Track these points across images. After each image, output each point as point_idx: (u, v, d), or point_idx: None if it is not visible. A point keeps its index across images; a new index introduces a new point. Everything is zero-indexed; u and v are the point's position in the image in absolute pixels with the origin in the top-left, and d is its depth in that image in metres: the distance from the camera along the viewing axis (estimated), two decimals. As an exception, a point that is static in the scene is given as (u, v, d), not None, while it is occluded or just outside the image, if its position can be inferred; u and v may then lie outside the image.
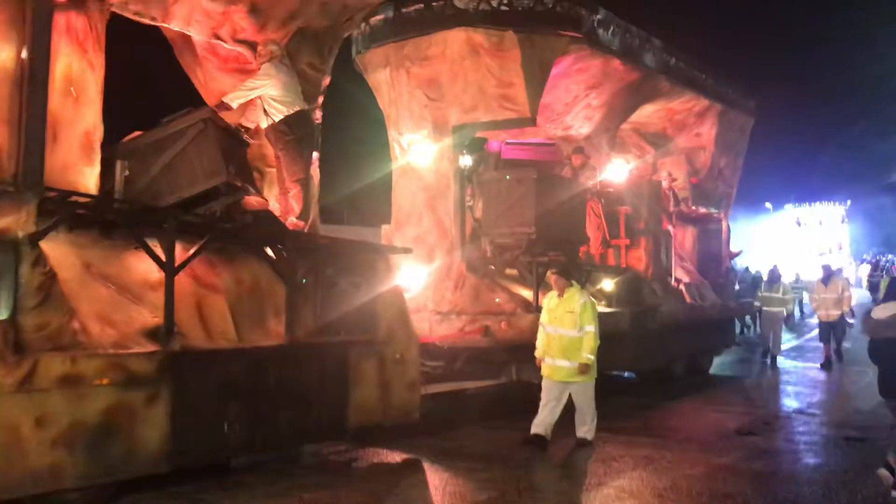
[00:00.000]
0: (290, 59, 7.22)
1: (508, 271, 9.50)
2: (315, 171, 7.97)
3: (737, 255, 14.74)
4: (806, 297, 23.19)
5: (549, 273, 7.68)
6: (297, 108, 6.80)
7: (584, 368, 7.21)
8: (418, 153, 9.43)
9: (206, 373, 5.73)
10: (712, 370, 13.39)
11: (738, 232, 57.47)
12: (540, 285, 9.03)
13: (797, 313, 24.29)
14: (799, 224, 47.55)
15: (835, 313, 14.28)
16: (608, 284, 10.51)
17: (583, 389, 7.30)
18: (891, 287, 6.33)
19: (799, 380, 12.77)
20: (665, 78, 11.38)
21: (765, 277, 23.47)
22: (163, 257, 5.39)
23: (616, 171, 11.33)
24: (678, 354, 12.07)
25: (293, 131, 6.77)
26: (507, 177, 9.00)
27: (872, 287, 30.20)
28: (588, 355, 7.20)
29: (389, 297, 7.20)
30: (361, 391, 6.82)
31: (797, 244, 46.12)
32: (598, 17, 9.58)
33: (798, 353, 16.28)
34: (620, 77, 10.56)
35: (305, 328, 6.57)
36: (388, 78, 9.46)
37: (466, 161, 9.33)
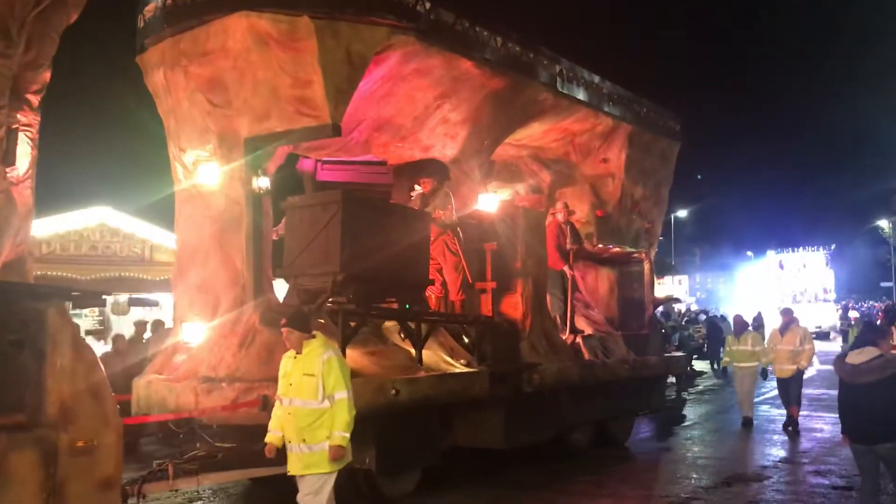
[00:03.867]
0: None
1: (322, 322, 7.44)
2: (22, 193, 6.00)
3: (663, 301, 12.63)
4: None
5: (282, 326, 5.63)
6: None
7: (337, 452, 5.12)
8: (205, 174, 7.45)
9: None
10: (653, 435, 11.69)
11: (721, 280, 56.07)
12: (348, 340, 6.97)
13: None
14: (782, 267, 45.73)
15: (789, 368, 12.13)
16: (466, 337, 8.47)
17: (313, 488, 5.19)
18: (864, 331, 6.45)
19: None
20: (544, 88, 9.46)
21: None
22: None
23: (489, 201, 9.31)
24: (575, 423, 9.92)
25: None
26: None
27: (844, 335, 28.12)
28: (343, 433, 5.12)
29: (68, 361, 5.14)
30: (9, 497, 4.75)
31: (780, 290, 44.26)
32: (431, 2, 7.68)
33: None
34: (479, 84, 8.63)
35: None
36: (163, 80, 7.53)
37: (264, 183, 7.33)
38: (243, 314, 7.15)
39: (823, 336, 36.57)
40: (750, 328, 12.85)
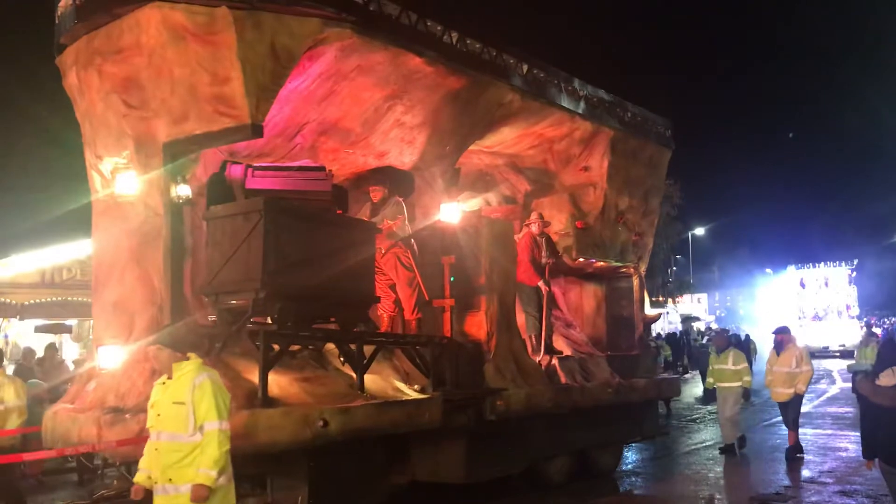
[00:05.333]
0: None
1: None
2: None
3: (654, 319, 11.77)
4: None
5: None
6: None
7: (199, 493, 4.35)
8: (124, 183, 6.79)
9: None
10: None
11: (741, 297, 55.00)
12: (271, 364, 6.24)
13: None
14: (803, 286, 44.38)
15: (784, 392, 11.20)
16: (420, 360, 7.70)
17: None
18: (888, 351, 6.19)
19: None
20: (510, 88, 8.72)
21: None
22: None
23: (451, 211, 8.56)
24: (551, 453, 9.08)
25: None
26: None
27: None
28: (209, 471, 4.36)
29: None
30: None
31: (801, 307, 42.97)
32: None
33: (806, 419, 14.53)
34: (434, 83, 7.91)
35: None
36: (76, 81, 6.92)
37: (185, 191, 6.65)
38: (160, 336, 6.43)
39: (848, 354, 35.22)
40: (732, 345, 11.94)
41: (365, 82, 7.49)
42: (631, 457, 11.86)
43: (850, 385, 20.22)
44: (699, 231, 48.85)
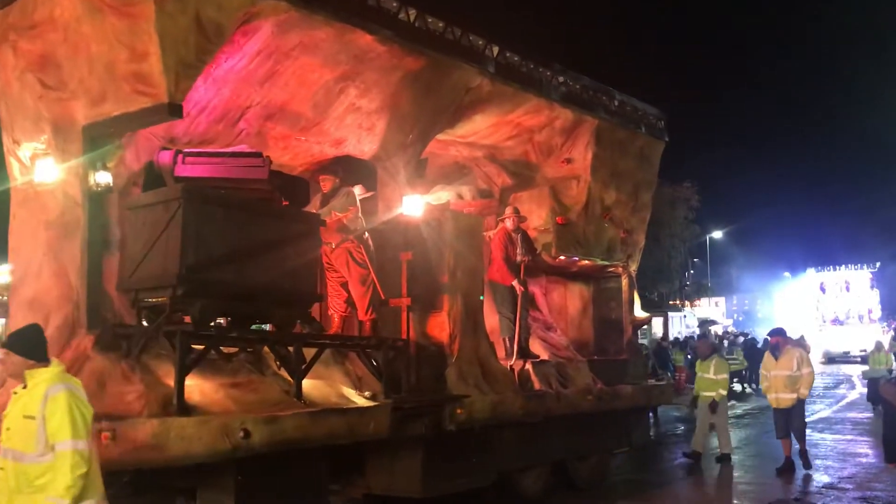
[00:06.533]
0: None
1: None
2: None
3: (644, 322, 11.09)
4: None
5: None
6: None
7: None
8: (42, 171, 6.26)
9: None
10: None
11: (759, 301, 54.04)
12: (189, 368, 5.67)
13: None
14: (823, 289, 43.31)
15: (787, 397, 10.54)
16: (369, 364, 7.10)
17: None
18: None
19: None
20: (477, 71, 8.10)
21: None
22: None
23: (413, 203, 7.95)
24: (524, 465, 8.45)
25: None
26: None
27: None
28: (56, 499, 3.80)
29: None
30: None
31: (821, 310, 41.93)
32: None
33: (826, 424, 15.19)
34: (389, 64, 7.31)
35: None
36: (-9, 60, 6.42)
37: (104, 178, 6.10)
38: (74, 337, 5.90)
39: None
40: (716, 353, 11.32)
41: (310, 62, 6.89)
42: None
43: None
44: (716, 234, 47.85)
